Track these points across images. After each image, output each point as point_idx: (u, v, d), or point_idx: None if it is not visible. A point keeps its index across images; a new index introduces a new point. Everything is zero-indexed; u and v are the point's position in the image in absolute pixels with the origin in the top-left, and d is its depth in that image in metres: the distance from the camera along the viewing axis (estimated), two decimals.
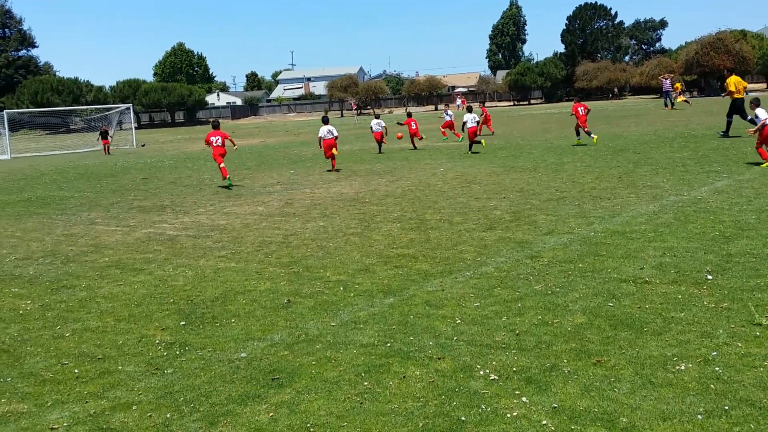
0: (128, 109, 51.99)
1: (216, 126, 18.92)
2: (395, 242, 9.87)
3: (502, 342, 5.72)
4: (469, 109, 25.07)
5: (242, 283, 8.13)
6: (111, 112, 54.27)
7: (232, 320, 6.78)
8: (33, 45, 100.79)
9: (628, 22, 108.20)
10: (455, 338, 5.88)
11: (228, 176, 17.94)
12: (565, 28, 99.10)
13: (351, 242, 10.06)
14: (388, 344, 5.84)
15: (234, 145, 18.97)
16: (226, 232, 11.49)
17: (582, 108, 23.23)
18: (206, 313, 7.06)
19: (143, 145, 44.32)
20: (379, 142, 25.28)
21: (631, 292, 6.88)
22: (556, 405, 4.55)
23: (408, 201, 13.52)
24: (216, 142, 18.30)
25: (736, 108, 21.49)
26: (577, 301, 6.69)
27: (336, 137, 19.92)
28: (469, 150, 23.09)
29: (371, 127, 25.67)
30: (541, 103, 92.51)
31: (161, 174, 22.86)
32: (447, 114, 31.51)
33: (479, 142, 23.81)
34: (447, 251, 9.12)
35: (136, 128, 49.63)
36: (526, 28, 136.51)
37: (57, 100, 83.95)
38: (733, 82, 21.75)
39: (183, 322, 6.78)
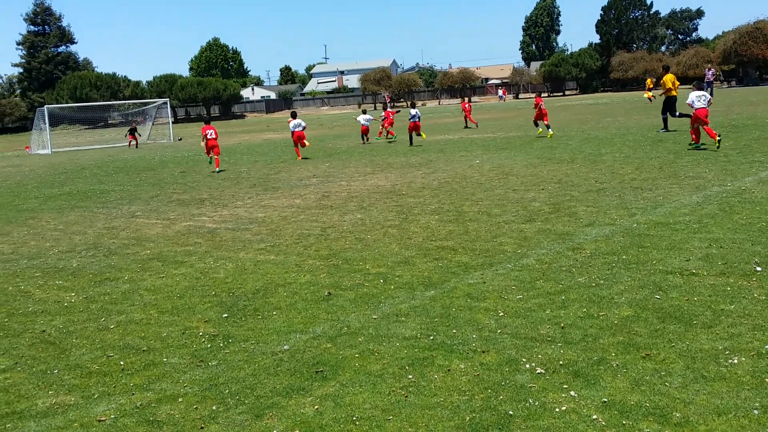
0: (165, 103, 52.58)
1: (207, 122, 22.05)
2: (434, 234, 9.81)
3: (547, 335, 5.64)
4: (413, 105, 27.25)
5: (282, 276, 8.14)
6: (148, 106, 54.97)
7: (274, 313, 6.79)
8: (72, 41, 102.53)
9: (664, 11, 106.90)
10: (499, 331, 5.82)
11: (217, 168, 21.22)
12: (600, 18, 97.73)
13: (389, 234, 10.03)
14: (431, 337, 5.80)
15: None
16: (264, 224, 11.54)
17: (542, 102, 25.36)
18: (248, 305, 7.09)
19: (180, 139, 44.81)
20: (364, 133, 28.14)
21: (678, 285, 6.73)
22: (605, 399, 4.46)
23: (445, 193, 13.44)
24: (210, 135, 21.21)
25: (671, 104, 22.39)
26: (622, 294, 6.57)
27: (304, 128, 23.47)
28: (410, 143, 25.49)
29: (359, 121, 28.34)
30: (575, 94, 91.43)
31: (198, 167, 23.07)
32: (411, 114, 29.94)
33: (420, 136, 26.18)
34: (486, 243, 9.03)
35: (172, 122, 50.14)
36: (560, 18, 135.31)
37: (95, 96, 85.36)
38: (670, 79, 22.43)
39: (225, 315, 6.81)
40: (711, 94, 42.74)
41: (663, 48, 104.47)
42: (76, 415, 4.81)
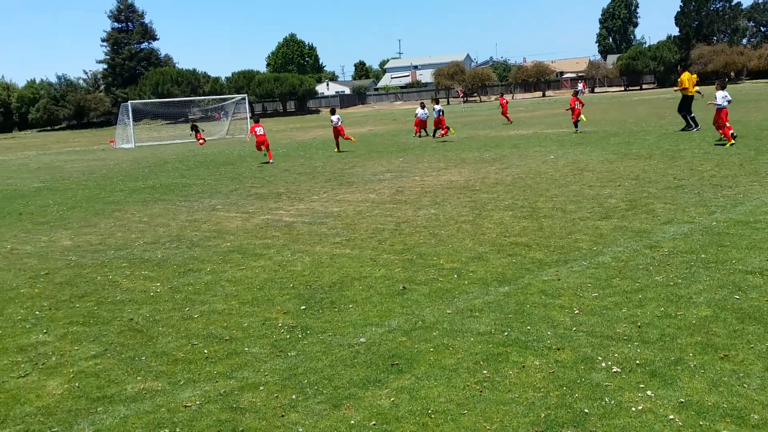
0: (243, 99, 53.75)
1: (257, 120, 24.78)
2: (508, 230, 9.79)
3: (623, 334, 5.60)
4: (436, 101, 28.84)
5: (358, 270, 8.30)
6: (227, 102, 56.31)
7: (350, 305, 6.94)
8: (154, 38, 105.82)
9: (746, 3, 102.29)
10: (574, 329, 5.80)
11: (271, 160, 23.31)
12: (679, 10, 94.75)
13: (463, 230, 10.06)
14: (506, 333, 5.83)
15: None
16: (339, 219, 11.74)
17: (578, 102, 25.94)
18: (325, 298, 7.27)
19: None
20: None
21: (757, 285, 6.56)
22: (682, 400, 4.42)
23: (519, 189, 13.36)
24: (258, 132, 23.26)
25: (687, 103, 22.39)
26: (701, 293, 6.44)
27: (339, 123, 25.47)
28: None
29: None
30: (653, 88, 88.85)
31: (276, 162, 23.56)
32: (434, 110, 29.60)
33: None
34: (561, 240, 8.97)
35: (250, 118, 51.25)
36: (638, 11, 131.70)
37: (176, 91, 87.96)
38: (687, 78, 22.49)
39: (303, 307, 7.01)
40: None
41: (744, 41, 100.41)
42: (163, 400, 5.05)
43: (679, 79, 23.37)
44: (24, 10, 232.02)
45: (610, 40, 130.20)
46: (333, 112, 26.93)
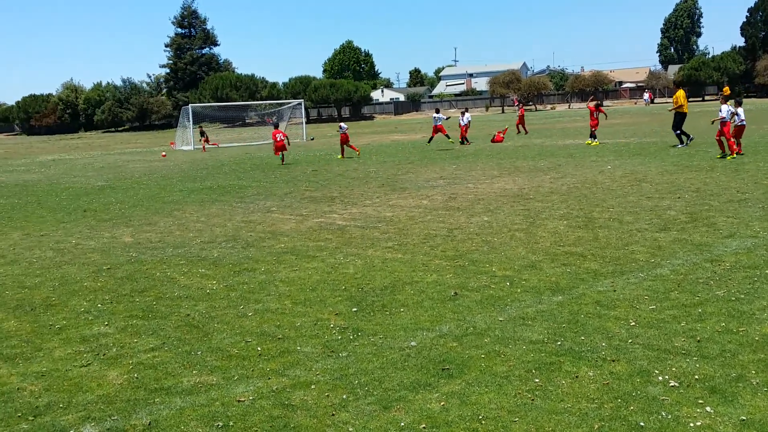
0: (299, 104, 54.37)
1: (276, 125, 27.68)
2: (562, 240, 9.67)
3: (681, 348, 5.46)
4: (437, 111, 30.38)
5: (409, 274, 8.30)
6: (284, 107, 57.05)
7: (401, 309, 6.95)
8: (215, 43, 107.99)
9: None
10: (630, 341, 5.69)
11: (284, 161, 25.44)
12: (745, 20, 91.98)
13: (516, 238, 9.98)
14: (558, 342, 5.76)
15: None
16: (392, 224, 11.77)
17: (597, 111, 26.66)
18: (376, 301, 7.29)
19: (312, 139, 46.26)
20: (344, 145, 27.43)
21: None
22: (744, 418, 4.29)
23: (574, 198, 13.18)
24: (279, 138, 25.16)
25: (681, 121, 22.82)
26: (764, 310, 6.25)
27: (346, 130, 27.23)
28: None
29: (340, 127, 28.24)
30: (715, 100, 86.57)
31: (329, 166, 23.77)
32: (462, 118, 32.26)
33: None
34: (617, 251, 8.81)
35: (305, 123, 51.83)
36: (701, 20, 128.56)
37: (235, 96, 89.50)
38: (681, 96, 22.74)
39: (355, 309, 7.04)
40: None
41: None
42: (217, 394, 5.14)
43: (673, 97, 23.68)
44: (92, 16, 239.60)
45: (672, 50, 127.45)
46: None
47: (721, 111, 18.84)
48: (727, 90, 48.71)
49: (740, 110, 18.94)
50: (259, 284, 8.24)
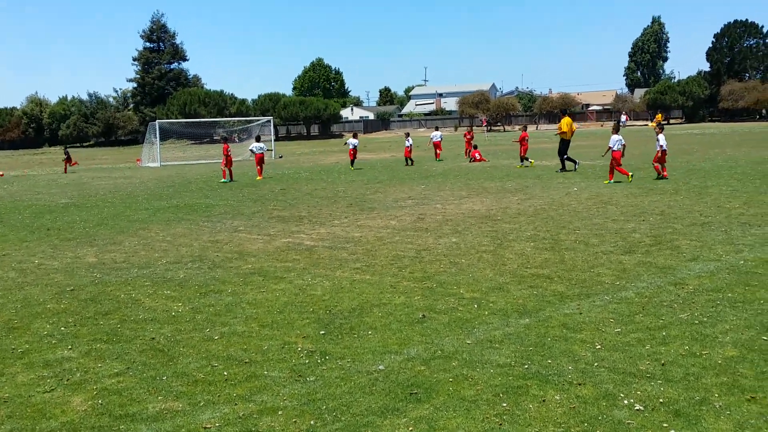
0: (268, 121, 54.27)
1: (258, 138, 28.71)
2: (529, 262, 9.75)
3: (646, 371, 5.53)
4: (407, 135, 32.56)
5: (377, 296, 8.29)
6: (252, 124, 56.90)
7: (369, 332, 6.93)
8: (184, 58, 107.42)
9: None
10: (596, 364, 5.74)
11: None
12: (711, 46, 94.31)
13: (484, 260, 10.03)
14: (526, 366, 5.78)
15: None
16: (360, 244, 11.76)
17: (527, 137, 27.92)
18: (344, 323, 7.26)
19: (281, 157, 46.14)
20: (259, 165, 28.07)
21: None
22: None
23: (541, 220, 13.31)
24: (258, 150, 27.07)
25: (565, 146, 24.00)
26: (727, 333, 6.36)
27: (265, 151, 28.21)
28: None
29: (251, 150, 28.74)
30: (680, 123, 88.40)
31: (298, 185, 23.71)
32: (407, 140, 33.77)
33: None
34: (583, 273, 8.91)
35: (274, 140, 51.71)
36: (668, 45, 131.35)
37: (203, 112, 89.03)
38: (567, 122, 23.95)
39: (322, 331, 7.01)
40: None
41: None
42: (183, 421, 5.06)
43: (558, 124, 24.96)
44: (59, 29, 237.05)
45: (639, 73, 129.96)
46: (258, 140, 29.22)
47: (659, 140, 19.85)
48: (659, 117, 51.07)
49: (661, 137, 19.84)
50: (225, 306, 8.16)
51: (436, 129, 39.67)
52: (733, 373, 5.41)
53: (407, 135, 32.57)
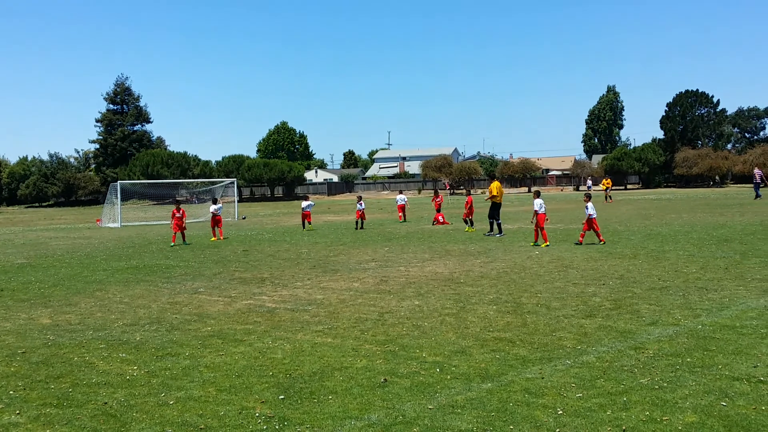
0: (232, 183, 54.20)
1: (215, 201, 28.59)
2: (491, 325, 9.74)
3: None
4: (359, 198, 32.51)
5: (339, 360, 8.18)
6: (216, 185, 56.72)
7: (330, 397, 6.81)
8: (148, 120, 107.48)
9: (731, 109, 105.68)
10: (557, 430, 5.70)
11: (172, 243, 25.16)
12: (664, 114, 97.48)
13: (446, 323, 10.00)
14: None
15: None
16: (322, 306, 11.66)
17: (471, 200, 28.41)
18: (304, 387, 7.13)
19: (244, 218, 45.91)
20: (214, 227, 27.91)
21: (745, 392, 6.51)
22: None
23: (503, 283, 13.37)
24: (217, 210, 27.15)
25: (496, 209, 24.77)
26: (687, 398, 6.38)
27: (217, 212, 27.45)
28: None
29: (212, 213, 28.46)
30: (638, 189, 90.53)
31: (261, 246, 23.55)
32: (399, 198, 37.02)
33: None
34: (545, 337, 8.92)
35: (237, 201, 51.54)
36: (623, 113, 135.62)
37: (166, 173, 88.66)
38: (496, 186, 25.11)
39: (282, 396, 6.86)
40: (759, 195, 43.75)
41: (729, 146, 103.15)
42: None
43: (488, 188, 26.04)
44: (21, 89, 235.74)
45: (596, 140, 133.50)
46: (215, 202, 29.17)
47: (587, 208, 20.42)
48: (608, 182, 54.41)
49: (590, 205, 20.45)
50: (182, 370, 7.96)
51: (400, 192, 40.77)
52: None
53: (359, 199, 32.85)
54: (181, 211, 25.32)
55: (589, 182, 67.70)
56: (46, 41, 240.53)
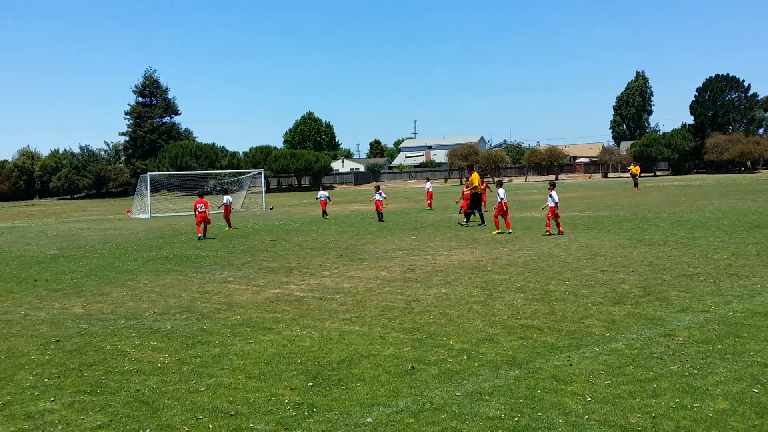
0: (259, 174, 54.54)
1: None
2: (519, 313, 9.72)
3: (637, 424, 5.47)
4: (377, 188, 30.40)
5: (366, 347, 8.22)
6: (243, 176, 57.14)
7: (358, 384, 6.85)
8: (176, 112, 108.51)
9: (762, 93, 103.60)
10: (586, 417, 5.68)
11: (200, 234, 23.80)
12: (694, 99, 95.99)
13: (474, 311, 10.00)
14: (515, 419, 5.72)
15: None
16: (350, 295, 11.71)
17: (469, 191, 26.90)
18: (332, 375, 7.19)
19: (272, 208, 46.20)
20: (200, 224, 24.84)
21: None
22: None
23: (531, 271, 13.32)
24: (201, 208, 23.69)
25: (477, 200, 24.81)
26: (717, 385, 6.32)
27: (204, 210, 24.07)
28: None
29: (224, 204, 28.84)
30: (667, 175, 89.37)
31: (288, 236, 23.69)
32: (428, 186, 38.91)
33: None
34: (573, 324, 8.88)
35: (265, 192, 51.87)
36: (652, 99, 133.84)
37: (194, 164, 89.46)
38: (475, 177, 24.85)
39: (310, 383, 6.93)
40: None
41: (761, 131, 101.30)
42: None
43: (469, 179, 25.53)
44: (52, 83, 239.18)
45: (624, 126, 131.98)
46: (201, 196, 25.56)
47: (552, 196, 20.17)
48: (636, 169, 53.36)
49: (554, 193, 20.39)
50: (212, 358, 8.07)
51: (427, 180, 41.74)
52: (724, 426, 5.36)
53: (377, 188, 31.08)
54: (204, 203, 24.02)
55: (630, 169, 67.46)
56: (76, 36, 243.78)
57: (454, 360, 7.53)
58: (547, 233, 20.04)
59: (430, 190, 38.15)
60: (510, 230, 21.13)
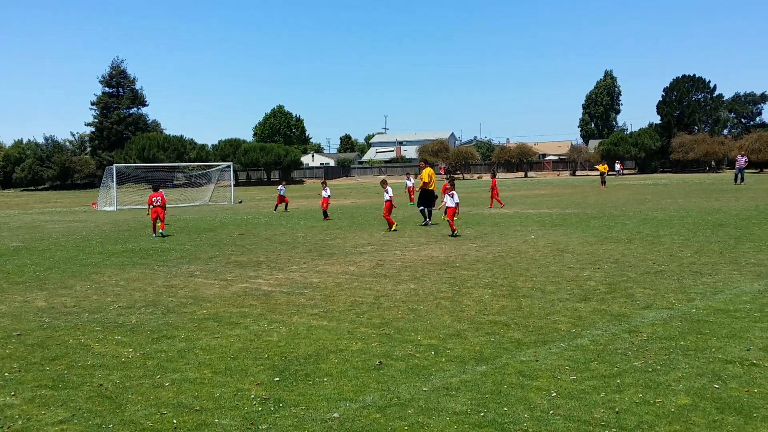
0: (228, 167, 54.12)
1: (156, 189, 23.15)
2: (486, 308, 9.77)
3: (601, 419, 5.53)
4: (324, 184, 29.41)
5: (334, 342, 8.20)
6: (212, 169, 56.65)
7: (325, 379, 6.83)
8: (143, 103, 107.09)
9: (728, 95, 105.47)
10: (551, 412, 5.73)
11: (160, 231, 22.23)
12: (661, 99, 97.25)
13: (442, 306, 10.03)
14: (482, 414, 5.75)
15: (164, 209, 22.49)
16: (318, 290, 11.67)
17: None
18: (299, 370, 7.15)
19: (240, 202, 45.87)
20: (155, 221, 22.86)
21: (737, 375, 6.55)
22: None
23: (499, 267, 13.40)
24: (156, 202, 22.26)
25: (428, 197, 23.97)
26: (680, 381, 6.42)
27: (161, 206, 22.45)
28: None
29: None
30: (633, 174, 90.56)
31: (257, 230, 23.54)
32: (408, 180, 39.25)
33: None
34: (540, 320, 8.96)
35: (234, 185, 51.48)
36: (620, 98, 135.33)
37: (162, 156, 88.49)
38: (428, 173, 24.08)
39: (277, 378, 6.88)
40: (742, 180, 44.87)
41: (725, 131, 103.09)
42: None
43: (419, 175, 25.06)
44: (17, 72, 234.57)
45: (593, 125, 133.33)
46: (156, 189, 23.31)
47: (453, 196, 19.83)
48: (603, 167, 53.52)
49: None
50: (178, 352, 7.98)
51: (408, 176, 41.79)
52: (686, 421, 5.45)
53: (324, 184, 29.39)
54: (160, 196, 22.43)
55: (617, 166, 68.47)
56: (41, 24, 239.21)
57: (421, 355, 7.55)
58: (454, 233, 19.44)
59: (411, 185, 38.73)
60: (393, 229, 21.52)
